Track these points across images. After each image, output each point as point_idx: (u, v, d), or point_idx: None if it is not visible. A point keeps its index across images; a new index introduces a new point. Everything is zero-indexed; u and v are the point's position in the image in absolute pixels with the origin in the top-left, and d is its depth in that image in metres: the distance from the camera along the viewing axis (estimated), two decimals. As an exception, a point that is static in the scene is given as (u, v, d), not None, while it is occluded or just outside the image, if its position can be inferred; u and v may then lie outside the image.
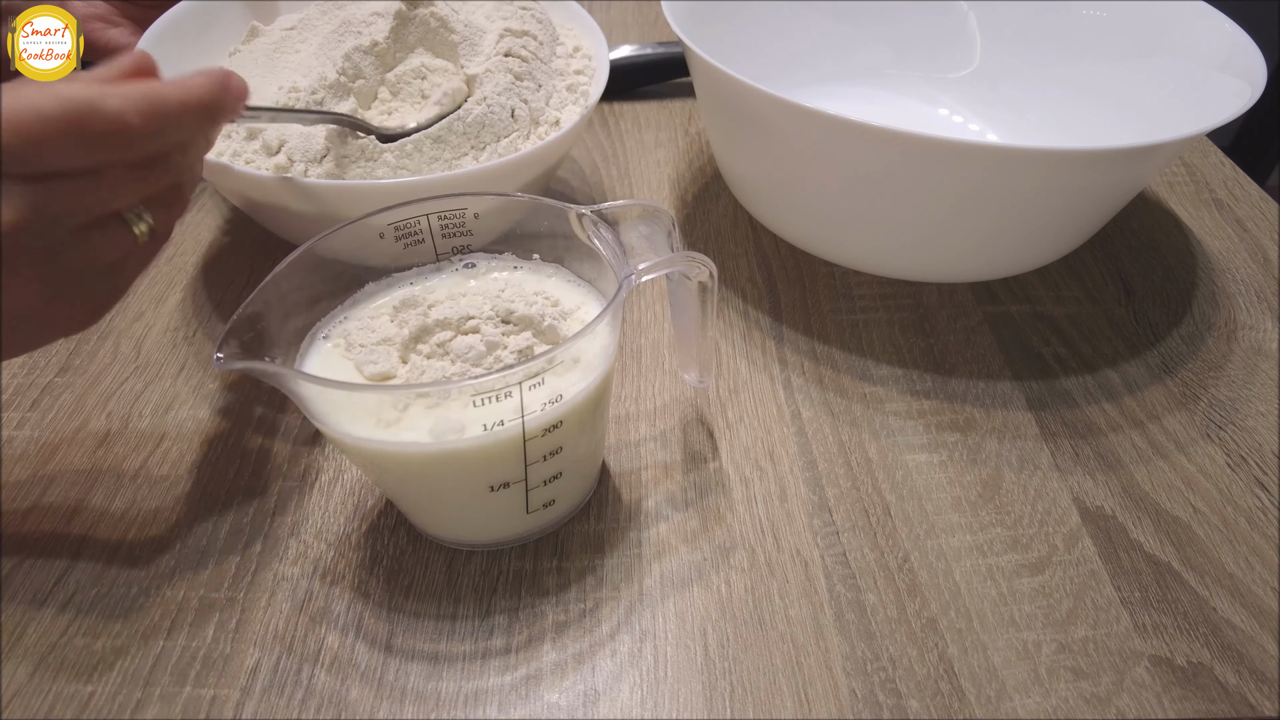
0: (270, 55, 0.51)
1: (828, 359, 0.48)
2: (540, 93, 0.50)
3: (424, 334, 0.36)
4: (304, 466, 0.43)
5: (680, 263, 0.36)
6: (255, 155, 0.46)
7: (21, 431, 0.44)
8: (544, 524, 0.39)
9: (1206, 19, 0.54)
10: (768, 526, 0.40)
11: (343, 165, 0.45)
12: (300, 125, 0.45)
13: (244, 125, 0.46)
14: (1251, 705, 0.34)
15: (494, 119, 0.47)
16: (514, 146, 0.48)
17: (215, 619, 0.37)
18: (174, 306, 0.52)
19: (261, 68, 0.51)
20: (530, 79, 0.50)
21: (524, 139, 0.48)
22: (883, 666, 0.35)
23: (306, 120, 0.44)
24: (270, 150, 0.46)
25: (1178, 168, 0.65)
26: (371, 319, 0.37)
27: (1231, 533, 0.40)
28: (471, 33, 0.50)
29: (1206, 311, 0.52)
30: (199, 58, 0.53)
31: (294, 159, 0.45)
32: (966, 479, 0.42)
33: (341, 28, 0.49)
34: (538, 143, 0.48)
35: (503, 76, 0.48)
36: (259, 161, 0.46)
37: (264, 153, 0.46)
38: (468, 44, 0.50)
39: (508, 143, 0.48)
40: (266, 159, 0.46)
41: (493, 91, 0.48)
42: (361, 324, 0.37)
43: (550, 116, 0.50)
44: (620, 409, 0.46)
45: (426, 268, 0.40)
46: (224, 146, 0.47)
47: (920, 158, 0.43)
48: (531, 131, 0.49)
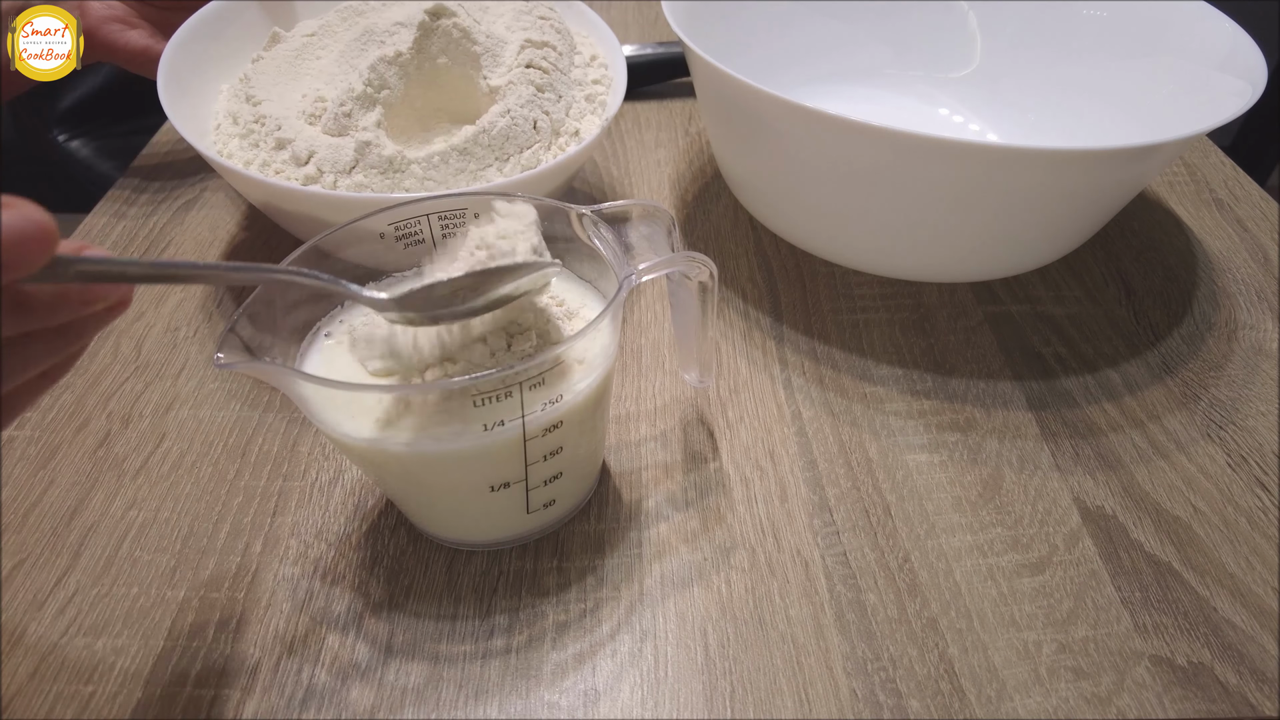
0: (292, 62, 0.52)
1: (828, 359, 0.48)
2: (560, 104, 0.51)
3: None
4: (304, 466, 0.43)
5: (680, 263, 0.36)
6: (285, 165, 0.47)
7: (22, 431, 0.44)
8: (544, 524, 0.39)
9: (1207, 19, 0.54)
10: (768, 526, 0.40)
11: (370, 177, 0.46)
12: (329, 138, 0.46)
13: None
14: (1252, 705, 0.34)
15: (517, 131, 0.48)
16: (536, 158, 0.48)
17: (215, 619, 0.37)
18: (174, 306, 0.52)
19: (284, 75, 0.52)
20: (551, 90, 0.50)
21: (545, 150, 0.49)
22: (883, 666, 0.35)
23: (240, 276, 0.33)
24: (299, 161, 0.46)
25: (1178, 167, 0.64)
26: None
27: (1232, 532, 0.40)
28: (493, 44, 0.51)
29: (1207, 311, 0.52)
30: (221, 63, 0.54)
31: (323, 170, 0.46)
32: (967, 479, 0.42)
33: (364, 36, 0.50)
34: (559, 154, 0.49)
35: (525, 89, 0.49)
36: (289, 171, 0.46)
37: (293, 163, 0.46)
38: (489, 55, 0.51)
39: (530, 154, 0.48)
40: (296, 169, 0.46)
41: (516, 104, 0.48)
42: (367, 318, 0.37)
43: (570, 127, 0.51)
44: (620, 409, 0.46)
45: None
46: (252, 155, 0.48)
47: (921, 158, 0.43)
48: (552, 142, 0.50)
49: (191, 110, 0.51)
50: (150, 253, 0.55)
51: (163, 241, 0.56)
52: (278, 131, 0.47)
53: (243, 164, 0.47)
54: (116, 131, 0.92)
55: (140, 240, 0.56)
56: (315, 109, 0.48)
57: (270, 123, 0.48)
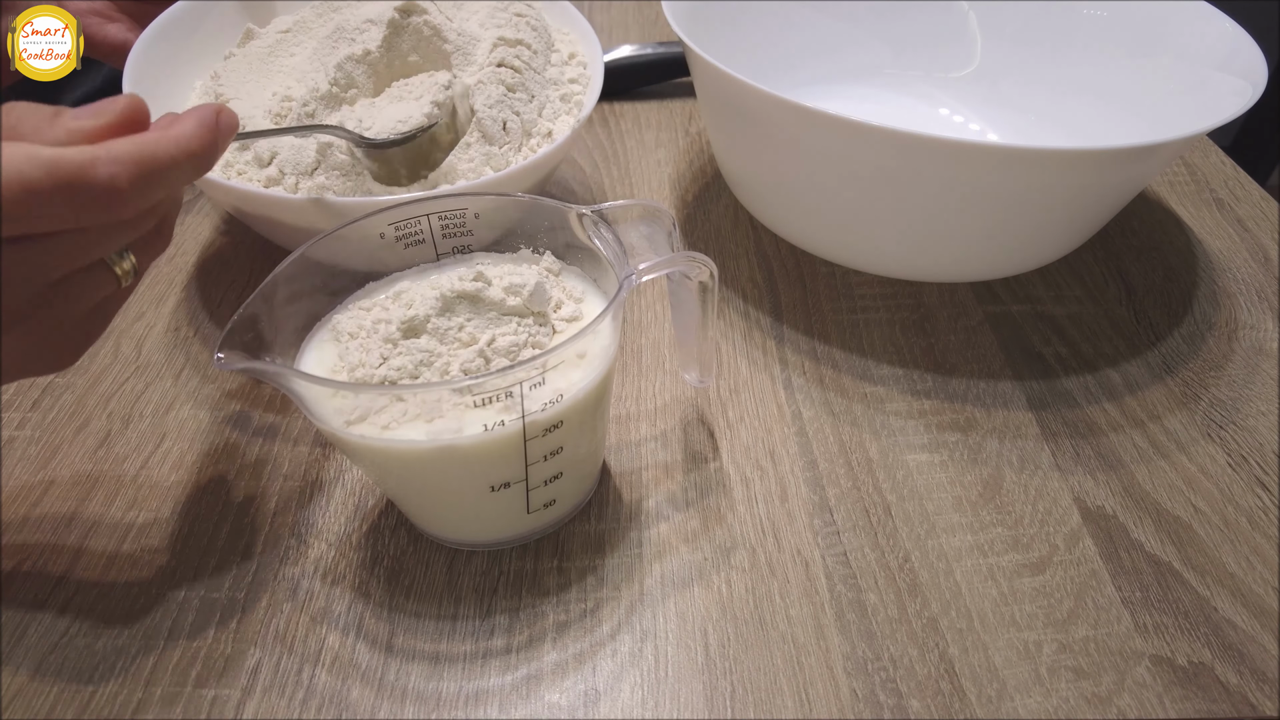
0: (265, 59, 0.51)
1: (828, 359, 0.48)
2: (533, 104, 0.50)
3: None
4: (305, 467, 0.43)
5: (680, 262, 0.36)
6: (247, 167, 0.46)
7: (22, 432, 0.44)
8: (545, 524, 0.39)
9: (1207, 18, 0.54)
10: (768, 526, 0.40)
11: (332, 178, 0.45)
12: (292, 138, 0.45)
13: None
14: (1253, 705, 0.34)
15: (485, 132, 0.47)
16: (505, 160, 0.47)
17: (216, 619, 0.37)
18: (175, 307, 0.52)
19: (255, 73, 0.51)
20: (523, 90, 0.49)
21: (515, 152, 0.48)
22: (883, 666, 0.35)
23: (297, 133, 0.44)
24: (262, 162, 0.46)
25: (1178, 167, 0.64)
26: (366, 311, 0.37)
27: (1232, 532, 0.40)
28: (465, 41, 0.50)
29: (1207, 311, 0.52)
30: (194, 59, 0.53)
31: (285, 171, 0.45)
32: (967, 479, 0.42)
33: (335, 33, 0.49)
34: (529, 155, 0.48)
35: (494, 88, 0.48)
36: (250, 173, 0.46)
37: (255, 164, 0.46)
38: (460, 53, 0.50)
39: (499, 156, 0.47)
40: (258, 170, 0.46)
41: (484, 104, 0.47)
42: (352, 315, 0.37)
43: (543, 128, 0.50)
44: (621, 409, 0.46)
45: (427, 267, 0.40)
46: None
47: (921, 157, 0.43)
48: (523, 144, 0.49)
49: (162, 108, 0.50)
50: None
51: (163, 242, 0.56)
52: (242, 130, 0.46)
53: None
54: (117, 132, 0.92)
55: (140, 240, 0.56)
56: (282, 108, 0.47)
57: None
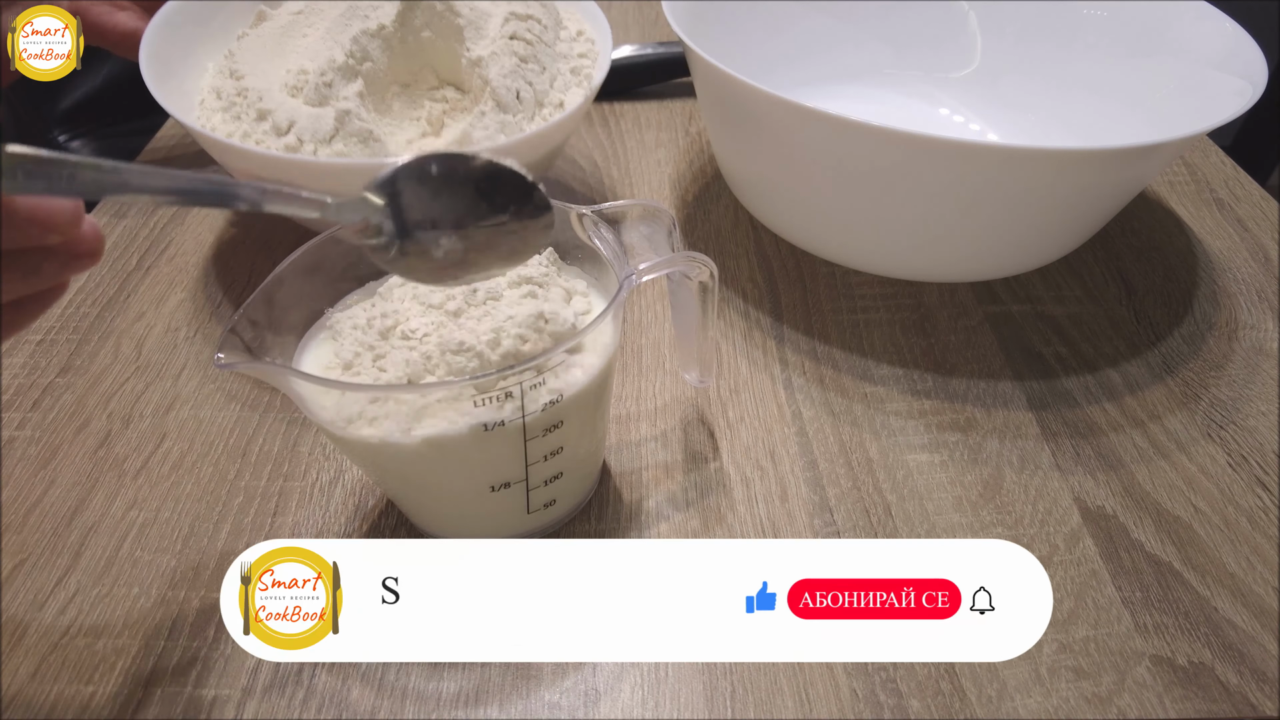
0: (278, 39, 0.52)
1: (828, 359, 0.48)
2: (545, 75, 0.51)
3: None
4: (305, 466, 0.43)
5: (681, 263, 0.36)
6: (265, 136, 0.47)
7: (23, 432, 0.44)
8: (545, 524, 0.39)
9: (1207, 18, 0.54)
10: (769, 526, 0.40)
11: (350, 145, 0.46)
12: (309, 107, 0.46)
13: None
14: (1253, 705, 0.34)
15: (500, 100, 0.48)
16: (519, 128, 0.48)
17: (216, 619, 0.37)
18: (175, 306, 0.52)
19: (269, 52, 0.51)
20: (535, 61, 0.50)
21: (529, 120, 0.49)
22: (884, 666, 0.35)
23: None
24: (280, 131, 0.46)
25: (1179, 167, 0.64)
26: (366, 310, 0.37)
27: (1233, 532, 0.40)
28: (477, 16, 0.51)
29: (1207, 311, 0.52)
30: (206, 42, 0.54)
31: (303, 139, 0.46)
32: (967, 479, 0.42)
33: (349, 11, 0.50)
34: (542, 124, 0.49)
35: (508, 59, 0.49)
36: (269, 142, 0.46)
37: (274, 133, 0.47)
38: (473, 27, 0.51)
39: (513, 124, 0.48)
40: (276, 139, 0.46)
41: (498, 74, 0.48)
42: (351, 314, 0.37)
43: (554, 99, 0.51)
44: (621, 409, 0.46)
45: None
46: (234, 128, 0.48)
47: (921, 157, 0.43)
48: (536, 113, 0.50)
49: (177, 87, 0.51)
50: (151, 253, 0.55)
51: (163, 241, 0.56)
52: (259, 103, 0.47)
53: (224, 135, 0.47)
54: (117, 131, 0.92)
55: (140, 240, 0.56)
56: (298, 81, 0.48)
57: (252, 95, 0.48)
